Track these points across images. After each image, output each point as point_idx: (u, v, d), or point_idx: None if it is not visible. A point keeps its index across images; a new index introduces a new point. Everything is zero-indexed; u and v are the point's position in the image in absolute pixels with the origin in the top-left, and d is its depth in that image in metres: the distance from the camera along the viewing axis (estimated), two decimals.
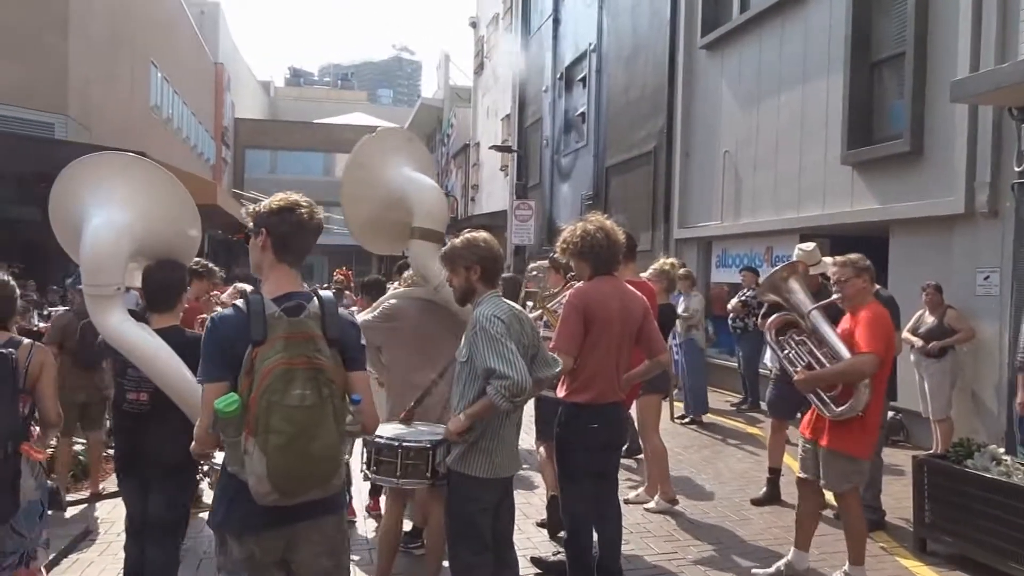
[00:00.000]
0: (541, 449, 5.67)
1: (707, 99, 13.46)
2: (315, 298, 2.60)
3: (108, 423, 7.06)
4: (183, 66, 29.42)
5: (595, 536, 4.22)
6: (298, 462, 2.36)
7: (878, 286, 6.26)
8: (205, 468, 3.99)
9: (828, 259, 4.70)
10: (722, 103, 12.93)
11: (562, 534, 4.91)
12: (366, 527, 5.75)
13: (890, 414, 6.63)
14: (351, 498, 5.75)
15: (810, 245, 6.28)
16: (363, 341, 2.72)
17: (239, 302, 2.54)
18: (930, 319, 7.63)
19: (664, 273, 6.70)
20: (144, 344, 3.73)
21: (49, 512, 3.90)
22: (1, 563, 3.60)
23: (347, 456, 2.61)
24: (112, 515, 5.85)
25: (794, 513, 4.99)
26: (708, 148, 13.30)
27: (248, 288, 4.77)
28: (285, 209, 2.65)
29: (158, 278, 3.94)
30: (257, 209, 2.71)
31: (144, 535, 3.87)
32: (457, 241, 3.65)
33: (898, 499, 6.21)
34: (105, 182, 4.00)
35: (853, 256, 4.61)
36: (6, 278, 3.78)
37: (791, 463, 7.44)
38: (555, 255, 4.78)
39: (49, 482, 4.09)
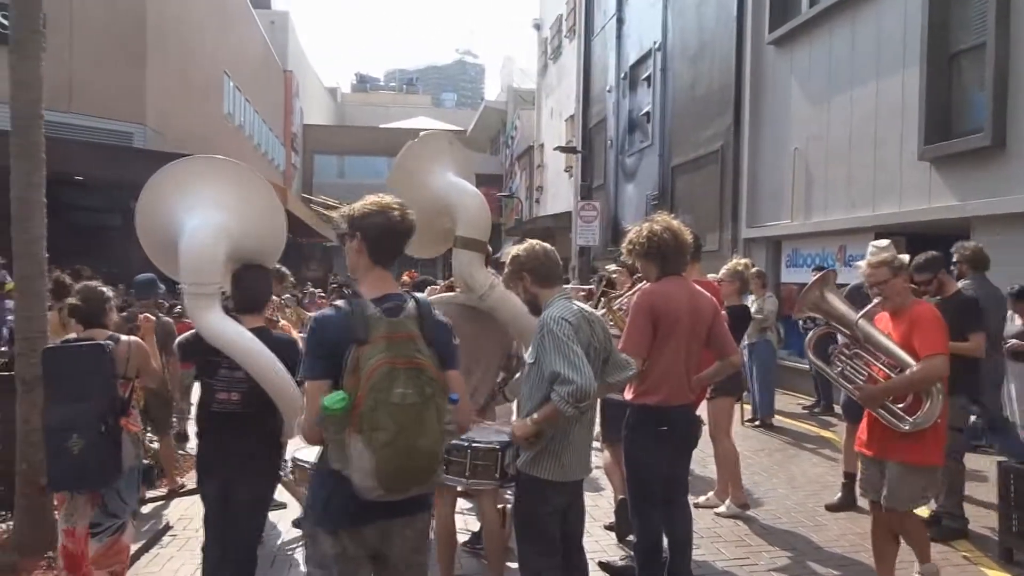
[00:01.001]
0: (605, 451, 5.63)
1: (776, 96, 13.19)
2: (411, 299, 2.67)
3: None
4: (254, 75, 30.20)
5: (664, 540, 4.16)
6: (403, 459, 2.42)
7: (963, 282, 6.04)
8: (289, 467, 4.05)
9: (905, 257, 4.49)
10: (791, 99, 12.66)
11: (631, 538, 4.87)
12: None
13: (972, 418, 6.37)
14: None
15: (884, 242, 6.07)
16: (456, 341, 2.77)
17: (340, 302, 2.62)
18: (1019, 321, 7.31)
19: (737, 274, 6.58)
20: (246, 342, 3.79)
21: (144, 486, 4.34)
22: (103, 524, 4.10)
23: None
24: (190, 512, 6.01)
25: (870, 519, 4.83)
26: (777, 146, 13.03)
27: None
28: (377, 212, 2.70)
29: (249, 281, 4.02)
30: (351, 212, 2.75)
31: (225, 534, 3.93)
32: (507, 259, 3.70)
33: (982, 507, 5.97)
34: (196, 185, 4.05)
35: (885, 256, 4.35)
36: (95, 284, 4.29)
37: None
38: (621, 257, 4.73)
39: (145, 460, 4.50)
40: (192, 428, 4.72)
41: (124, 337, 4.30)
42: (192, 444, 6.27)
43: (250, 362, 3.76)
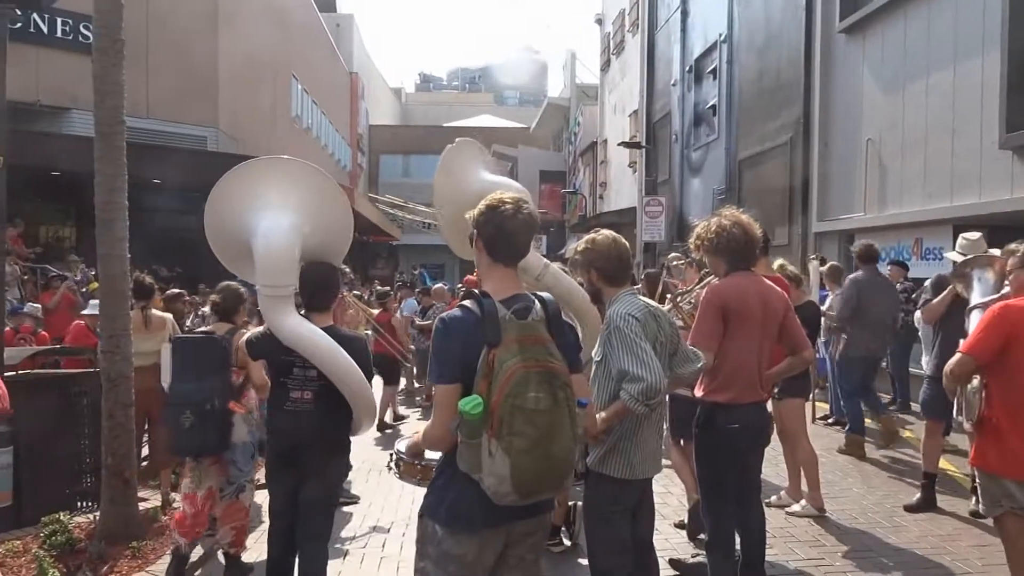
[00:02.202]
0: (674, 449, 5.58)
1: (847, 85, 12.86)
2: (537, 301, 2.61)
3: None
4: (321, 77, 30.75)
5: (737, 539, 4.10)
6: (540, 465, 2.37)
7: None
8: (394, 460, 4.10)
9: (995, 251, 4.31)
10: (863, 89, 12.32)
11: (701, 536, 4.83)
12: None
13: None
14: None
15: (975, 234, 5.88)
16: (582, 343, 2.67)
17: (469, 303, 2.54)
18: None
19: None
20: (321, 342, 3.85)
21: (259, 457, 4.99)
22: (225, 488, 4.81)
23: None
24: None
25: (953, 521, 4.67)
26: (849, 137, 12.70)
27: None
28: (489, 208, 2.64)
29: (317, 279, 4.08)
30: (473, 212, 2.73)
31: (295, 529, 4.02)
32: (578, 246, 3.66)
33: None
34: (264, 186, 4.12)
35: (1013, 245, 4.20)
36: (235, 284, 4.93)
37: (948, 468, 7.02)
38: (689, 252, 4.67)
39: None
40: None
41: (243, 330, 4.87)
42: None
43: (325, 360, 3.83)
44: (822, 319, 8.03)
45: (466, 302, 2.56)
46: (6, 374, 5.92)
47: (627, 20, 26.29)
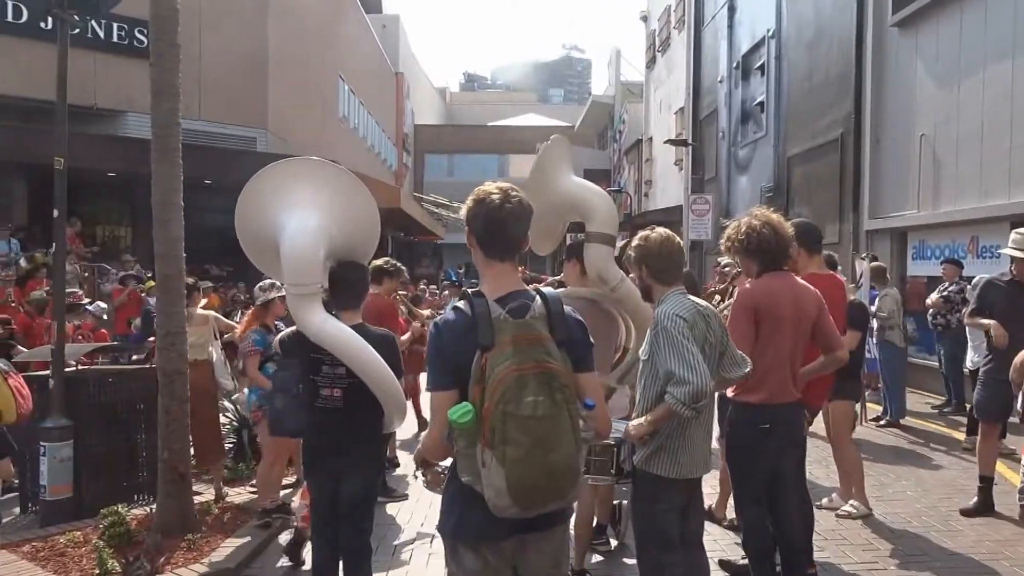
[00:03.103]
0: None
1: (900, 80, 12.59)
2: (538, 297, 2.42)
3: None
4: (367, 78, 31.05)
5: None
6: (538, 475, 2.21)
7: None
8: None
9: None
10: (917, 83, 12.06)
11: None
12: None
13: None
14: None
15: None
16: (591, 340, 2.51)
17: (461, 304, 2.42)
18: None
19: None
20: (348, 339, 3.91)
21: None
22: None
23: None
24: None
25: (1010, 525, 4.55)
26: (902, 132, 12.44)
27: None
28: (476, 202, 2.48)
29: (347, 278, 4.14)
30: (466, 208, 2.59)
31: (336, 525, 4.08)
32: (631, 242, 3.65)
33: None
34: (292, 186, 4.19)
35: None
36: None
37: (1005, 472, 6.84)
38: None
39: None
40: None
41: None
42: None
43: (352, 358, 3.88)
44: (872, 319, 7.89)
45: (459, 303, 2.44)
46: (66, 369, 6.12)
47: (673, 17, 26.08)
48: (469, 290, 2.43)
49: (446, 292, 17.94)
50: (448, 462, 2.51)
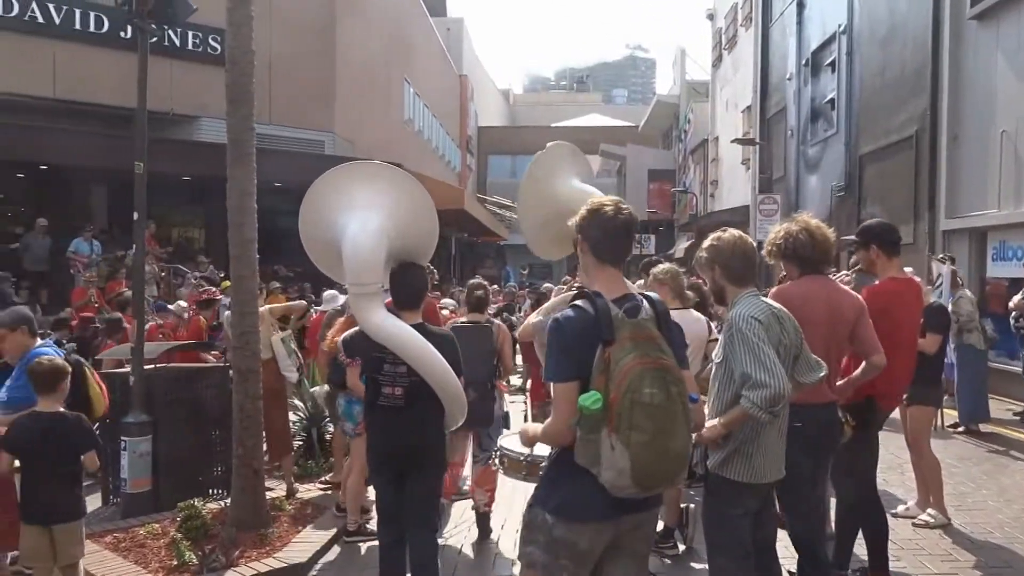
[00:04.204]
0: None
1: (979, 75, 12.16)
2: (645, 300, 2.70)
3: None
4: (432, 81, 31.35)
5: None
6: (659, 459, 2.46)
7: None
8: (498, 456, 4.22)
9: None
10: (997, 78, 11.62)
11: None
12: None
13: None
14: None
15: None
16: (687, 341, 2.78)
17: (582, 302, 2.63)
18: None
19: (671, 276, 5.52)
20: (409, 338, 3.98)
21: (506, 430, 5.50)
22: (479, 456, 5.55)
23: None
24: None
25: None
26: (981, 129, 12.00)
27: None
28: (591, 211, 2.77)
29: (408, 279, 4.23)
30: (576, 217, 2.85)
31: (401, 523, 4.15)
32: (704, 243, 3.62)
33: None
34: (354, 189, 4.29)
35: None
36: (481, 281, 5.82)
37: None
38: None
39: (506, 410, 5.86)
40: None
41: (496, 321, 5.86)
42: None
43: (414, 356, 3.94)
44: (952, 323, 7.63)
45: (579, 302, 2.64)
46: (145, 367, 6.33)
47: (739, 14, 25.68)
48: (587, 290, 2.69)
49: (509, 292, 18.08)
50: (538, 451, 2.85)
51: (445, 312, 7.83)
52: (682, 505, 5.28)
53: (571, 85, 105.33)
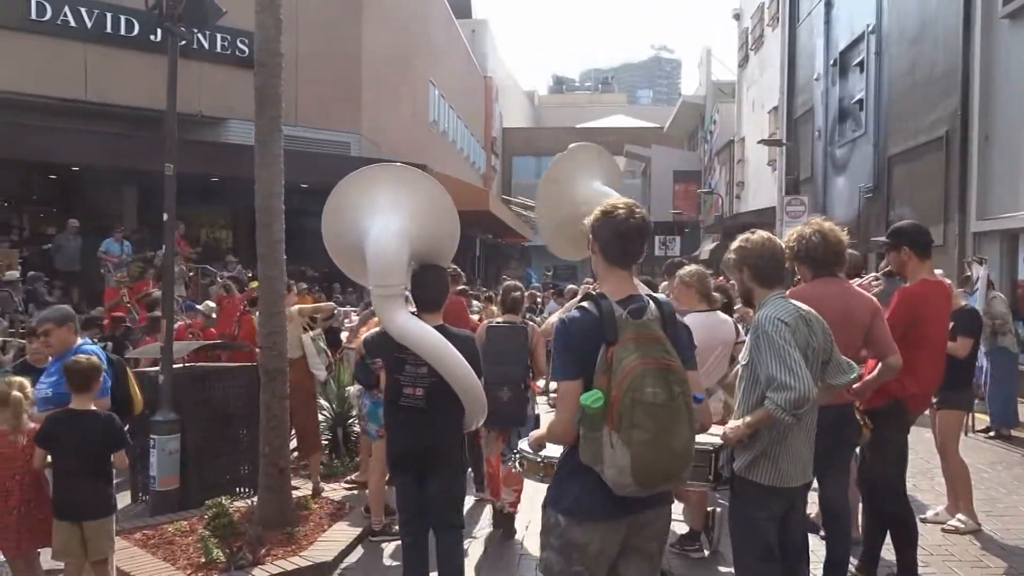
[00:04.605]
0: None
1: (1011, 74, 11.97)
2: (652, 301, 2.72)
3: None
4: (457, 82, 31.42)
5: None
6: (660, 457, 2.50)
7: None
8: (516, 456, 4.22)
9: None
10: None
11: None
12: None
13: None
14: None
15: None
16: (695, 341, 2.83)
17: (587, 304, 2.70)
18: None
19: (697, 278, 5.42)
20: (431, 339, 4.02)
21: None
22: (507, 455, 5.32)
23: None
24: None
25: None
26: (1013, 129, 11.81)
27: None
28: (604, 214, 2.80)
29: (429, 281, 4.26)
30: (589, 219, 2.89)
31: (423, 523, 4.19)
32: (732, 244, 3.61)
33: None
34: (376, 191, 4.34)
35: None
36: (515, 283, 5.86)
37: None
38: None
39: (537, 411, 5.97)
40: None
41: (531, 323, 5.96)
42: None
43: (435, 357, 3.97)
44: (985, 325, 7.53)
45: (584, 303, 2.72)
46: (174, 366, 6.41)
47: (766, 14, 25.50)
48: (593, 292, 2.74)
49: (531, 294, 18.07)
50: (554, 452, 2.85)
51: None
52: (708, 508, 5.25)
53: (596, 86, 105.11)
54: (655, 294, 2.81)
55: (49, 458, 4.18)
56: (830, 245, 3.99)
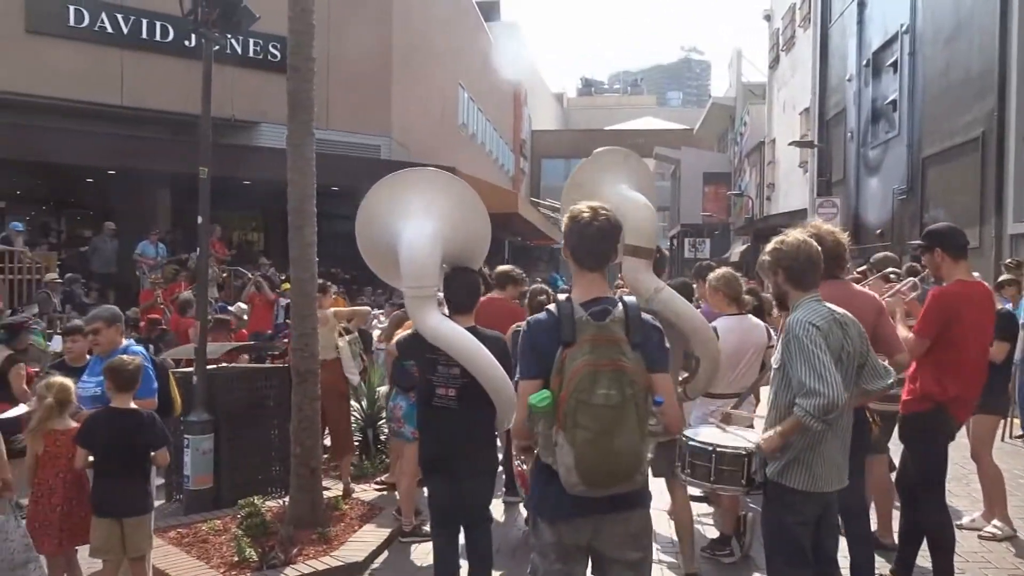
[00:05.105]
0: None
1: None
2: (620, 303, 2.75)
3: None
4: (486, 86, 31.48)
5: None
6: (603, 457, 2.55)
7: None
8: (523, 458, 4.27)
9: None
10: None
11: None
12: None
13: None
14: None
15: None
16: (667, 344, 2.82)
17: (551, 306, 2.79)
18: None
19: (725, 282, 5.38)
20: (464, 340, 4.05)
21: None
22: None
23: (650, 455, 2.72)
24: None
25: None
26: None
27: None
28: (571, 219, 2.86)
29: (462, 282, 4.30)
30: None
31: (455, 522, 4.24)
32: (766, 246, 3.58)
33: None
34: (409, 195, 4.39)
35: None
36: (541, 286, 5.30)
37: None
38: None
39: None
40: None
41: None
42: None
43: (466, 357, 4.01)
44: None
45: (550, 306, 2.82)
46: (208, 367, 6.49)
47: (798, 15, 25.28)
48: (560, 296, 2.75)
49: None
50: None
51: None
52: (740, 513, 5.22)
53: (625, 88, 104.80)
54: (627, 297, 2.85)
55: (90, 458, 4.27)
56: (828, 248, 3.89)
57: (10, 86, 14.39)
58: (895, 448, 4.87)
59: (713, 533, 5.29)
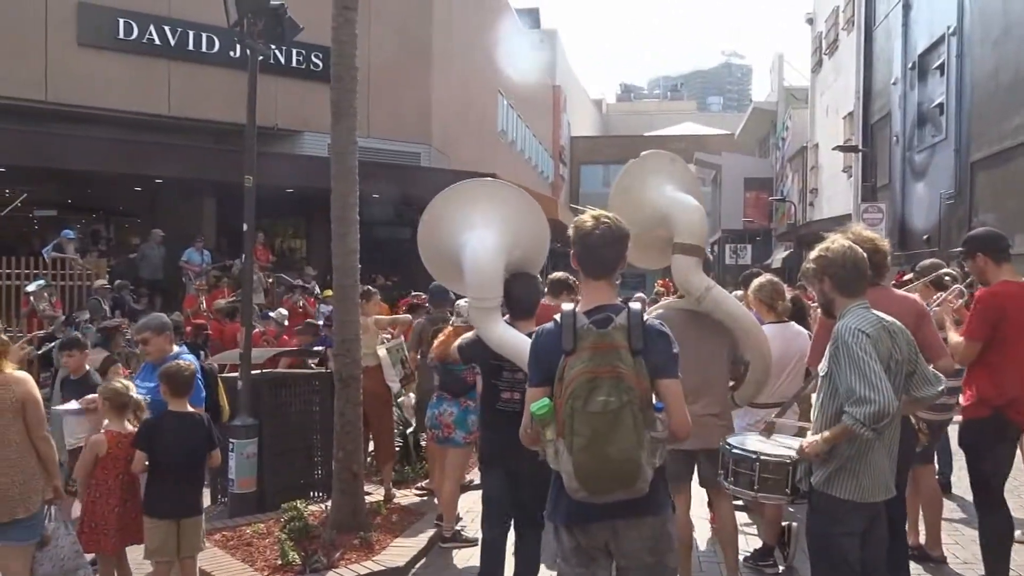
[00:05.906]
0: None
1: None
2: (625, 311, 2.78)
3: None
4: (525, 92, 31.54)
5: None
6: (598, 463, 2.59)
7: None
8: None
9: None
10: None
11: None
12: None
13: None
14: None
15: None
16: (675, 350, 2.82)
17: (557, 316, 2.83)
18: None
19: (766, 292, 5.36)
20: (525, 346, 4.07)
21: None
22: None
23: (656, 461, 2.70)
24: (477, 507, 6.39)
25: None
26: None
27: None
28: (574, 228, 2.92)
29: (522, 289, 4.35)
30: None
31: (506, 520, 4.30)
32: (811, 253, 3.54)
33: None
34: (472, 206, 4.47)
35: None
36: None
37: None
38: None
39: None
40: None
41: None
42: None
43: None
44: None
45: (556, 316, 2.84)
46: (252, 372, 6.59)
47: (841, 18, 24.95)
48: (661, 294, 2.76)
49: None
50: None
51: None
52: (784, 523, 5.15)
53: (665, 93, 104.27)
54: (633, 304, 2.84)
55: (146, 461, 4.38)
56: (874, 253, 3.83)
57: (64, 98, 14.80)
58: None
59: (756, 543, 5.23)
